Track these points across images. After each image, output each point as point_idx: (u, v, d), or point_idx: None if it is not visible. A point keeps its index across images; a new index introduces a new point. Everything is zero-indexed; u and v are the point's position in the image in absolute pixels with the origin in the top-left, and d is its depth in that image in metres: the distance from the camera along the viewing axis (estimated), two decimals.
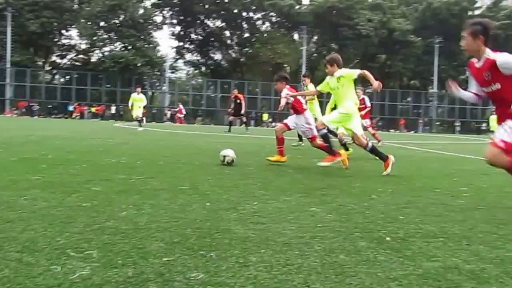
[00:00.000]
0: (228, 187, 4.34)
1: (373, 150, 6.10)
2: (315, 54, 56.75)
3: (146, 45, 49.03)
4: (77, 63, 53.48)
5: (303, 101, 6.94)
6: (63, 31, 51.81)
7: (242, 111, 20.23)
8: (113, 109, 46.20)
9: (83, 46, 52.84)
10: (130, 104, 18.36)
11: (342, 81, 6.02)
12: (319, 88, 6.59)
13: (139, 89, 18.80)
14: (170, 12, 57.05)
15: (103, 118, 43.51)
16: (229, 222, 2.91)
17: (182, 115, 41.26)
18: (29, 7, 45.33)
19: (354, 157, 7.83)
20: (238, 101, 20.06)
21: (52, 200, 3.34)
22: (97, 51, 52.12)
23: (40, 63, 51.95)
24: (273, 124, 45.71)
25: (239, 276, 1.96)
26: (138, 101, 17.96)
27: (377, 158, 6.17)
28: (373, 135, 12.90)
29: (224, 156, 6.18)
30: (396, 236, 2.73)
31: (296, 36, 58.74)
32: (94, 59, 53.03)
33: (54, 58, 55.28)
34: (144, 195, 3.70)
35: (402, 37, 51.61)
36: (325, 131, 6.29)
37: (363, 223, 3.06)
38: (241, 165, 6.26)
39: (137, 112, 17.86)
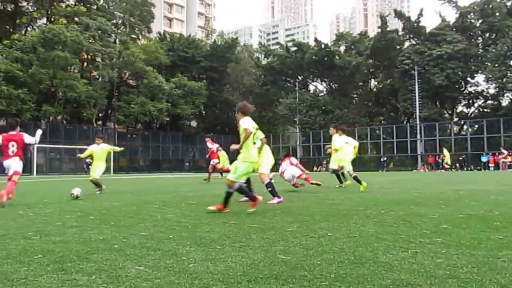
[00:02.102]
0: None
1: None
2: None
3: None
4: (485, 110, 52.46)
5: None
6: (469, 79, 52.25)
7: None
8: None
9: (491, 91, 51.55)
10: None
11: None
12: None
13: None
14: None
15: None
16: None
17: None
18: (433, 62, 48.42)
19: None
20: None
21: None
22: (508, 94, 49.64)
23: (446, 115, 53.76)
24: None
25: None
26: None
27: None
28: None
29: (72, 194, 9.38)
30: None
31: None
32: (505, 103, 50.70)
33: (460, 108, 56.28)
34: None
35: None
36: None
37: None
38: None
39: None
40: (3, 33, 45.52)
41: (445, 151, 40.63)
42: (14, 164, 8.53)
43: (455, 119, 54.06)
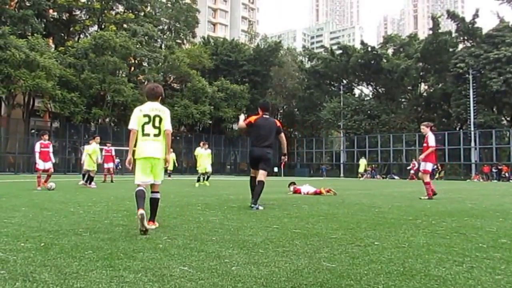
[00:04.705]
0: None
1: None
2: None
3: None
4: None
5: None
6: None
7: None
8: None
9: None
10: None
11: None
12: None
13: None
14: None
15: None
16: None
17: None
18: (490, 65, 46.22)
19: None
20: None
21: None
22: None
23: (504, 122, 51.33)
24: None
25: None
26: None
27: None
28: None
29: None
30: None
31: None
32: None
33: None
34: None
35: None
36: None
37: None
38: None
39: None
40: (59, 41, 48.24)
41: (361, 160, 42.10)
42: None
43: None
